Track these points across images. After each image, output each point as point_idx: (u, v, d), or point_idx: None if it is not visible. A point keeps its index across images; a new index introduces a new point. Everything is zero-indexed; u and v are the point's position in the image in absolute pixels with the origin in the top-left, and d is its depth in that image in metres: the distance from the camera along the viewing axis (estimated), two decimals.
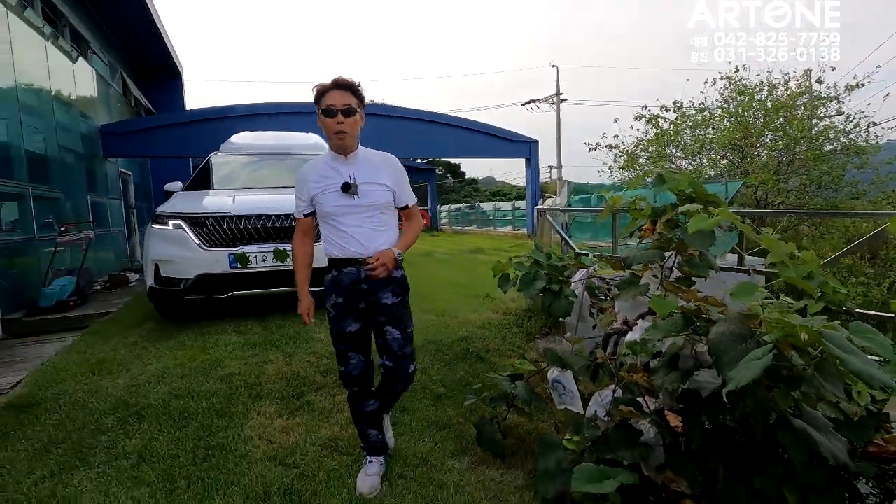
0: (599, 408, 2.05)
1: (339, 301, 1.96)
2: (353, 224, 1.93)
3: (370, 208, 1.94)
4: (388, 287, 1.97)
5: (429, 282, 5.94)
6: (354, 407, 2.10)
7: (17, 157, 5.48)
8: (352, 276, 1.94)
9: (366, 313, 2.00)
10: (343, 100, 1.87)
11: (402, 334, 2.00)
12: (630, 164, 15.13)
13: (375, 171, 1.97)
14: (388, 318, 1.98)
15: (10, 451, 2.29)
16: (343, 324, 1.97)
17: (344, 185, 1.90)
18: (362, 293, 1.95)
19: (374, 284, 1.94)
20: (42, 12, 6.61)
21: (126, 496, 1.96)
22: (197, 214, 3.96)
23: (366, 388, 2.08)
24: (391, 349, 2.00)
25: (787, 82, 12.53)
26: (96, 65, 8.77)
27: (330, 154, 1.98)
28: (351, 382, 2.04)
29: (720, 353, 1.42)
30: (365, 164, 1.97)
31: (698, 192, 2.13)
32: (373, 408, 2.09)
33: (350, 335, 1.98)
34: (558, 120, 25.18)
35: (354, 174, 1.93)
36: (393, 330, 1.98)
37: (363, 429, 2.10)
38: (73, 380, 3.00)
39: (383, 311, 1.97)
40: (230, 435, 2.39)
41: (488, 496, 2.02)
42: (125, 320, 4.53)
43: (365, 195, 1.92)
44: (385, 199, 1.98)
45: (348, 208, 1.92)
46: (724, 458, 1.73)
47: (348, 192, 1.90)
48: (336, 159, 1.96)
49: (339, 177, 1.92)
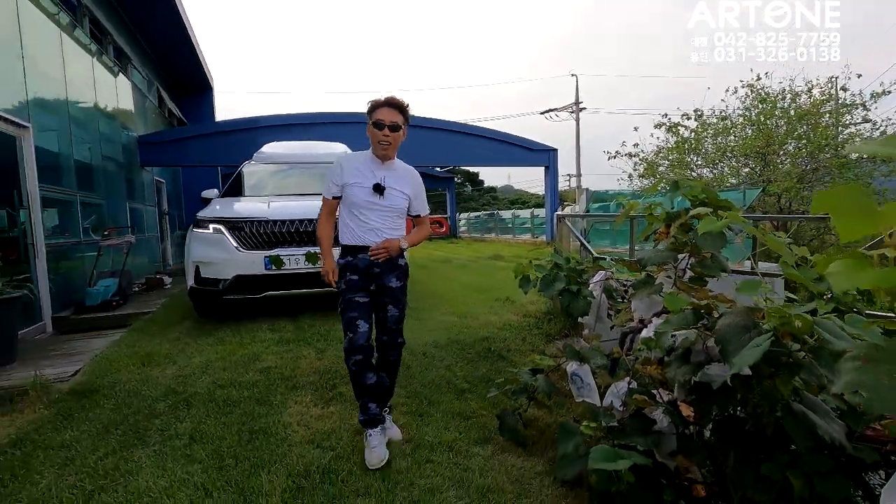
0: (615, 398, 2.18)
1: (354, 278, 2.26)
2: (375, 219, 2.26)
3: (391, 210, 2.29)
4: (394, 272, 2.33)
5: (450, 286, 6.11)
6: (357, 380, 2.28)
7: (67, 166, 5.87)
8: (366, 261, 2.26)
9: (373, 293, 2.31)
10: (391, 117, 2.21)
11: (399, 312, 2.38)
12: (650, 173, 15.08)
13: (401, 180, 2.32)
14: (391, 298, 2.33)
15: (75, 430, 2.53)
16: (356, 294, 2.26)
17: (376, 186, 2.24)
18: (374, 276, 2.28)
19: (385, 269, 2.28)
20: (89, 31, 7.05)
21: (181, 471, 2.16)
22: (235, 219, 4.22)
23: (368, 358, 2.28)
24: (387, 324, 2.36)
25: (810, 90, 12.41)
26: (135, 78, 9.26)
27: (370, 155, 2.30)
28: (356, 349, 2.22)
29: (726, 343, 1.56)
30: (395, 173, 2.31)
31: (711, 197, 2.26)
32: (372, 381, 2.29)
33: (360, 304, 2.26)
34: (577, 128, 25.23)
35: (385, 178, 2.26)
36: (393, 308, 2.34)
37: (365, 401, 2.29)
38: (125, 370, 3.26)
39: (388, 292, 2.32)
40: (271, 421, 2.59)
41: (510, 479, 2.16)
42: (165, 319, 4.81)
43: (389, 198, 2.27)
44: (403, 205, 2.34)
45: (374, 205, 2.25)
46: (734, 446, 1.85)
47: (378, 192, 2.24)
48: (374, 161, 2.29)
49: (373, 177, 2.25)
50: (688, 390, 1.98)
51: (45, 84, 5.46)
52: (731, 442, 1.86)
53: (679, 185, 2.42)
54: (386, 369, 2.45)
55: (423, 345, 3.69)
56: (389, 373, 2.47)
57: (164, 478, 2.10)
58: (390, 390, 2.51)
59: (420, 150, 12.44)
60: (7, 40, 4.80)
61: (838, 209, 0.49)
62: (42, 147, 5.14)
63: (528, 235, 19.83)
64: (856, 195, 0.49)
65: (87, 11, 6.90)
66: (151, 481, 2.07)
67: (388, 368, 2.46)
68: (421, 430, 2.52)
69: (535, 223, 19.73)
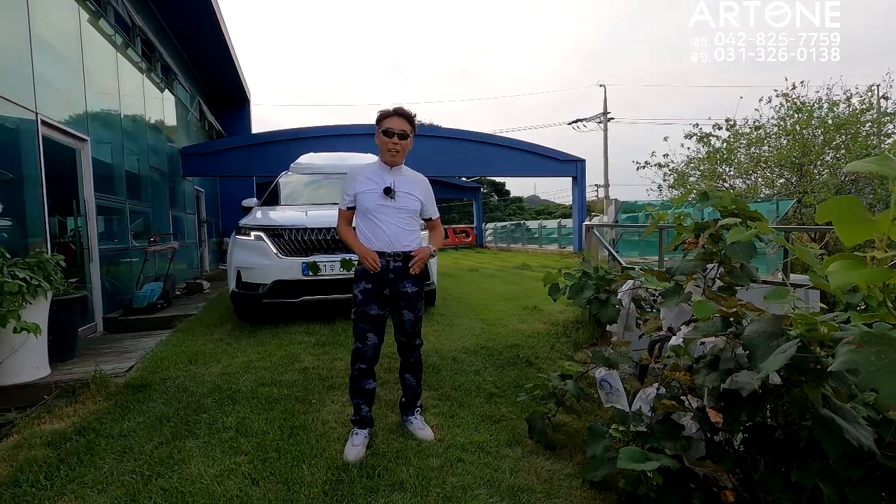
0: (644, 404, 2.23)
1: (368, 287, 2.38)
2: (387, 220, 2.39)
3: (402, 211, 2.42)
4: (409, 277, 2.42)
5: (478, 294, 6.20)
6: (356, 384, 2.45)
7: (119, 175, 6.26)
8: (381, 266, 2.35)
9: (388, 299, 2.42)
10: (400, 126, 2.37)
11: (415, 316, 2.47)
12: (680, 183, 14.86)
13: (410, 185, 2.47)
14: (407, 303, 2.43)
15: (132, 421, 2.73)
16: (368, 307, 2.38)
17: (386, 189, 2.38)
18: (388, 281, 2.39)
19: (399, 274, 2.39)
20: (141, 50, 7.51)
21: (229, 461, 2.31)
22: (275, 226, 4.44)
23: (371, 367, 2.47)
24: (404, 328, 2.47)
25: (849, 98, 12.07)
26: (179, 93, 9.76)
27: (379, 164, 2.47)
28: (363, 359, 2.42)
29: (753, 349, 1.61)
30: (404, 178, 2.47)
31: (740, 208, 2.30)
32: (370, 387, 2.47)
33: (372, 317, 2.39)
34: (605, 139, 25.07)
35: (395, 182, 2.41)
36: (408, 312, 2.44)
37: (358, 403, 2.46)
38: (174, 367, 3.47)
39: (404, 297, 2.42)
40: (310, 418, 2.73)
41: (540, 480, 2.22)
42: (207, 321, 5.06)
43: (400, 200, 2.41)
44: (415, 206, 2.46)
45: (385, 208, 2.39)
46: (764, 453, 1.88)
47: (389, 194, 2.38)
48: (383, 168, 2.44)
49: (384, 182, 2.40)
50: (717, 397, 2.02)
51: (101, 99, 5.86)
52: (761, 448, 1.88)
53: (709, 196, 2.47)
54: (409, 370, 2.56)
55: (453, 350, 3.79)
56: (413, 373, 2.57)
57: (213, 467, 2.25)
58: (417, 390, 2.60)
59: (448, 160, 12.66)
60: (72, 60, 5.20)
61: (839, 217, 0.57)
62: (97, 158, 5.50)
63: (555, 246, 19.73)
64: (853, 205, 0.57)
65: (140, 32, 7.36)
66: (202, 469, 2.23)
67: (411, 369, 2.56)
68: (452, 431, 2.61)
69: (563, 233, 19.64)
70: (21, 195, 4.16)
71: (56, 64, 4.92)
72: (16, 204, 4.13)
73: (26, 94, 4.17)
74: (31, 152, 4.24)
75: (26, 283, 2.88)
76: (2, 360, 2.99)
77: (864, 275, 0.58)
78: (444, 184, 24.87)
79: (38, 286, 2.97)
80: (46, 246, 4.23)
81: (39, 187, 4.27)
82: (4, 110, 3.94)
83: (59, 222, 6.42)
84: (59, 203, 5.32)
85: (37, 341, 3.10)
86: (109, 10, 6.26)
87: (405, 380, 2.59)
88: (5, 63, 4.05)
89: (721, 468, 1.96)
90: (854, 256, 0.62)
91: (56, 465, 2.29)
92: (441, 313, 5.01)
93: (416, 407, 2.59)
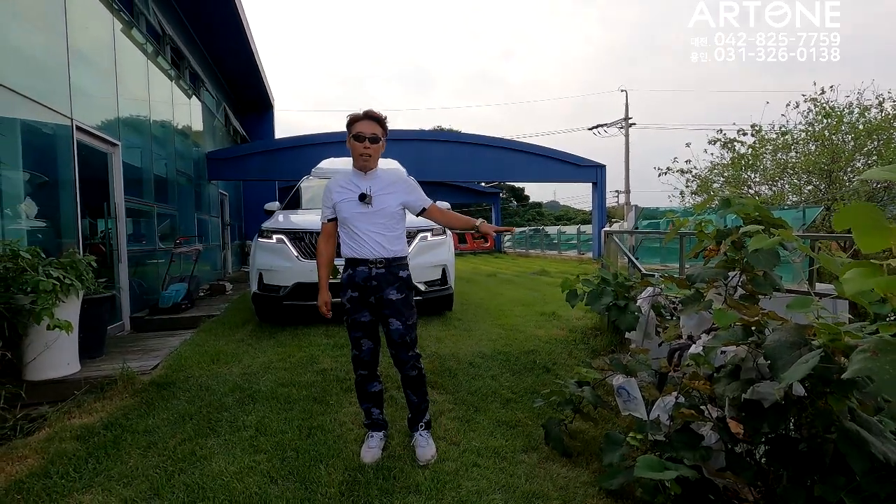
0: (662, 412, 2.20)
1: (355, 295, 2.33)
2: (367, 229, 2.29)
3: (380, 214, 2.31)
4: (393, 285, 2.32)
5: (496, 300, 6.19)
6: (362, 388, 2.44)
7: (147, 179, 6.46)
8: (363, 273, 2.30)
9: (375, 307, 2.33)
10: (371, 129, 2.30)
11: (404, 326, 2.33)
12: (703, 190, 14.61)
13: (388, 185, 2.37)
14: (392, 311, 2.32)
15: (156, 418, 2.80)
16: (357, 315, 2.35)
17: (361, 195, 2.30)
18: (372, 289, 2.30)
19: (382, 281, 2.31)
20: (170, 57, 7.76)
21: (249, 459, 2.36)
22: (296, 230, 4.52)
23: (372, 371, 2.44)
24: (393, 338, 2.35)
25: (881, 103, 11.71)
26: (206, 99, 10.04)
27: (352, 171, 2.39)
28: (362, 365, 2.41)
29: (775, 358, 1.58)
30: (380, 180, 2.37)
31: (764, 215, 2.26)
32: (376, 390, 2.45)
33: (363, 324, 2.35)
34: (627, 144, 24.79)
35: (370, 187, 2.33)
36: (395, 321, 2.32)
37: (367, 407, 2.45)
38: (197, 367, 3.56)
39: (388, 305, 2.31)
40: (327, 419, 2.77)
41: (555, 487, 2.21)
42: (229, 322, 5.17)
43: (378, 203, 2.30)
44: (393, 208, 2.34)
45: (363, 215, 2.29)
46: (786, 466, 1.84)
47: (364, 200, 2.30)
48: (357, 175, 2.36)
49: (358, 189, 2.32)
50: (737, 407, 1.98)
51: (132, 105, 6.07)
52: (784, 461, 1.84)
53: (731, 203, 2.43)
54: (408, 386, 2.42)
55: (470, 355, 3.80)
56: (413, 388, 2.42)
57: (233, 464, 2.30)
58: (420, 406, 2.45)
59: (468, 165, 12.70)
60: (105, 68, 5.40)
61: (857, 225, 0.56)
62: (127, 162, 5.69)
63: (575, 252, 19.57)
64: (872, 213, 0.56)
65: (170, 40, 7.61)
66: (223, 466, 2.28)
67: (411, 385, 2.41)
68: (467, 436, 2.61)
69: (582, 239, 19.47)
70: (56, 198, 4.34)
71: (90, 72, 5.12)
72: (51, 206, 4.31)
73: (63, 101, 4.35)
74: (66, 157, 4.41)
75: (60, 282, 3.00)
76: (35, 356, 3.11)
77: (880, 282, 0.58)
78: (463, 189, 24.96)
79: (70, 285, 3.09)
80: (78, 246, 4.39)
81: (73, 190, 4.44)
82: (43, 116, 4.12)
83: (89, 224, 6.65)
84: (91, 205, 5.51)
85: (68, 338, 3.22)
86: (141, 19, 6.50)
87: (407, 395, 2.46)
88: (44, 72, 4.24)
89: (742, 480, 1.92)
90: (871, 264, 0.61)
91: (85, 458, 2.37)
92: (458, 318, 5.02)
93: (420, 423, 2.45)
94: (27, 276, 2.94)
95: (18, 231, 3.77)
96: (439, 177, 13.16)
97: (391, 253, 2.33)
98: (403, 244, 2.41)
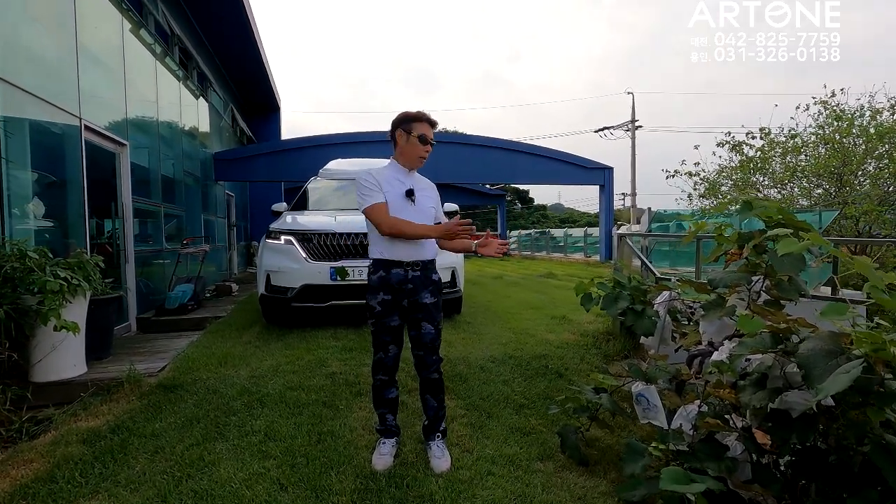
0: (685, 421, 2.13)
1: (387, 298, 2.26)
2: None
3: (422, 215, 2.30)
4: (428, 288, 2.30)
5: (504, 303, 6.13)
6: (379, 393, 2.39)
7: (155, 179, 6.44)
8: (399, 276, 2.25)
9: (406, 310, 2.29)
10: (431, 133, 2.32)
11: (435, 329, 2.32)
12: (712, 193, 14.50)
13: (425, 188, 2.41)
14: (425, 315, 2.29)
15: (163, 421, 2.76)
16: (388, 319, 2.28)
17: (408, 191, 2.28)
18: (406, 292, 2.26)
19: (418, 284, 2.26)
20: (178, 58, 7.75)
21: (258, 465, 2.30)
22: (304, 231, 4.48)
23: (392, 377, 2.40)
24: (423, 342, 2.31)
25: (893, 106, 11.58)
26: (213, 100, 10.04)
27: (394, 167, 2.36)
28: (384, 369, 2.36)
29: (810, 368, 1.51)
30: (420, 183, 2.39)
31: (787, 218, 2.19)
32: (392, 396, 2.41)
33: (393, 328, 2.30)
34: (633, 147, 24.68)
35: (414, 186, 2.32)
36: (427, 325, 2.30)
37: (382, 413, 2.40)
38: (204, 369, 3.51)
39: (422, 308, 2.28)
40: (338, 424, 2.71)
41: (573, 497, 2.14)
42: (236, 323, 5.13)
43: (420, 203, 2.30)
44: (432, 212, 2.37)
45: (407, 212, 2.26)
46: (816, 478, 1.77)
47: (409, 197, 2.27)
48: (401, 172, 2.34)
49: (403, 186, 2.30)
50: (763, 417, 1.91)
51: (140, 106, 6.06)
52: (811, 473, 1.77)
53: (753, 205, 2.36)
54: (430, 390, 2.38)
55: (480, 359, 3.74)
56: (434, 393, 2.38)
57: (242, 470, 2.25)
58: (439, 412, 2.40)
59: (474, 167, 12.64)
60: (114, 68, 5.39)
61: None
62: (135, 162, 5.67)
63: (581, 254, 19.47)
64: None
65: (178, 41, 7.60)
66: (232, 472, 2.23)
67: (432, 388, 2.38)
68: (481, 443, 2.55)
69: (589, 242, 19.38)
70: (64, 198, 4.32)
71: (99, 71, 5.10)
72: (59, 206, 4.28)
73: (72, 101, 4.33)
74: (74, 156, 4.39)
75: (67, 283, 2.96)
76: (42, 358, 3.08)
77: None
78: (469, 191, 24.89)
79: (78, 286, 3.05)
80: (86, 247, 4.36)
81: (81, 190, 4.41)
82: (52, 116, 4.10)
83: (96, 224, 6.63)
84: (98, 205, 5.49)
85: (75, 340, 3.18)
86: (150, 19, 6.49)
87: (426, 401, 2.40)
88: (54, 72, 4.22)
89: (769, 493, 1.85)
90: None
91: (91, 462, 2.33)
92: (467, 321, 4.96)
93: (437, 431, 2.39)
94: (34, 276, 2.90)
95: (26, 231, 3.74)
96: (445, 178, 13.09)
97: (428, 255, 2.32)
98: (436, 247, 2.39)
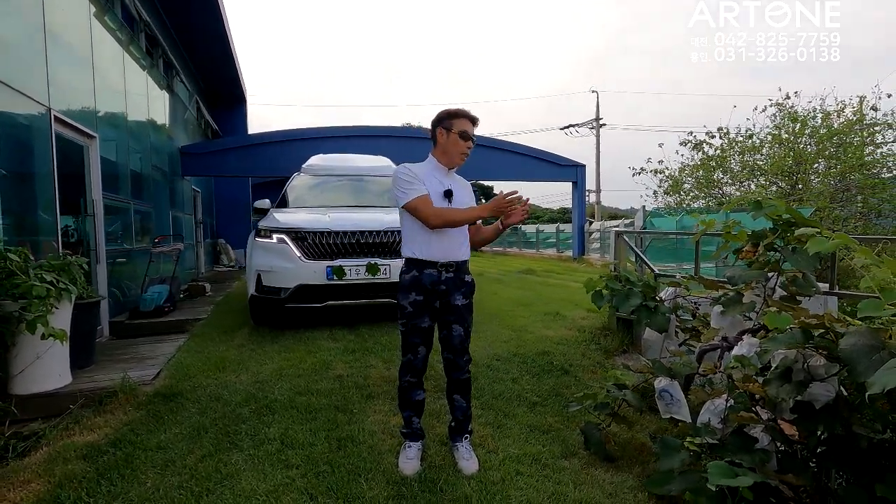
0: (712, 416, 2.19)
1: (419, 299, 2.22)
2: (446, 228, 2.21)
3: None
4: (461, 289, 2.27)
5: (493, 300, 6.15)
6: (406, 395, 2.35)
7: (124, 174, 6.06)
8: (431, 277, 2.21)
9: (437, 311, 2.27)
10: (472, 130, 2.27)
11: (465, 331, 2.30)
12: (675, 190, 15.08)
13: (463, 189, 2.35)
14: (457, 316, 2.26)
15: (168, 432, 2.60)
16: (419, 320, 2.24)
17: (447, 192, 2.24)
18: (439, 293, 2.23)
19: (451, 286, 2.23)
20: (145, 45, 7.31)
21: (281, 476, 2.20)
22: (298, 229, 4.32)
23: (420, 379, 2.37)
24: (452, 343, 2.29)
25: (842, 110, 12.36)
26: (179, 90, 9.54)
27: (432, 164, 2.32)
28: (413, 371, 2.31)
29: (854, 363, 1.57)
30: (458, 182, 2.37)
31: (797, 217, 2.29)
32: (420, 398, 2.37)
33: (423, 330, 2.26)
34: (598, 145, 25.29)
35: (452, 185, 2.28)
36: (458, 327, 2.27)
37: (409, 415, 2.36)
38: (202, 375, 3.33)
39: (454, 310, 2.25)
40: (355, 429, 2.63)
41: (605, 494, 2.16)
42: (222, 325, 4.91)
43: (457, 204, 2.26)
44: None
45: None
46: (843, 466, 1.85)
47: (448, 197, 2.24)
48: (439, 170, 2.30)
49: (442, 185, 2.25)
50: (789, 409, 1.99)
51: (108, 96, 5.67)
52: (840, 462, 1.86)
53: (762, 205, 2.45)
54: (458, 390, 2.36)
55: (485, 357, 3.73)
56: (463, 393, 2.36)
57: (265, 482, 2.15)
58: (468, 412, 2.38)
59: None
60: (82, 55, 5.02)
61: None
62: (104, 156, 5.31)
63: (553, 251, 19.81)
64: None
65: (144, 27, 7.16)
66: (255, 484, 2.13)
67: (460, 388, 2.36)
68: (503, 442, 2.54)
69: (561, 238, 19.74)
70: (33, 193, 3.99)
71: (68, 58, 4.74)
72: (28, 202, 3.95)
73: (40, 89, 4.00)
74: (43, 149, 4.06)
75: (53, 287, 2.74)
76: (24, 368, 2.84)
77: None
78: None
79: (64, 290, 2.83)
80: (58, 246, 4.06)
81: (52, 185, 4.10)
82: (19, 106, 3.77)
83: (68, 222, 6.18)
84: (66, 201, 5.12)
85: (60, 348, 2.95)
86: (117, 2, 6.08)
87: (454, 401, 2.36)
88: (21, 58, 3.87)
89: (801, 481, 1.93)
90: None
91: (96, 480, 2.17)
92: None
93: (465, 432, 2.37)
94: (16, 279, 2.67)
95: None
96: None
97: (463, 256, 2.28)
98: (469, 248, 2.35)
